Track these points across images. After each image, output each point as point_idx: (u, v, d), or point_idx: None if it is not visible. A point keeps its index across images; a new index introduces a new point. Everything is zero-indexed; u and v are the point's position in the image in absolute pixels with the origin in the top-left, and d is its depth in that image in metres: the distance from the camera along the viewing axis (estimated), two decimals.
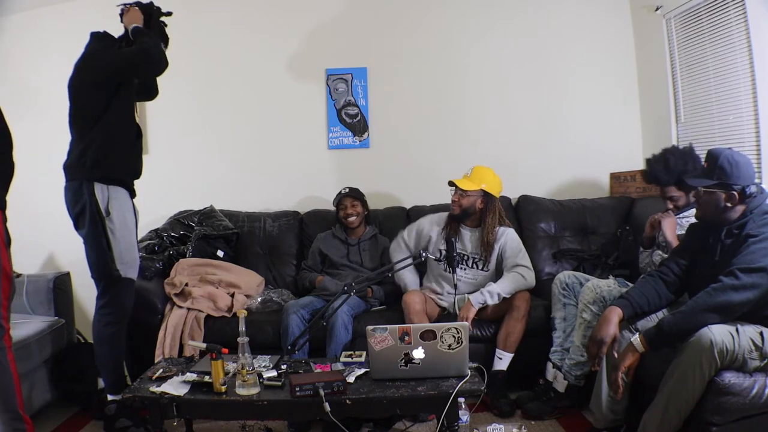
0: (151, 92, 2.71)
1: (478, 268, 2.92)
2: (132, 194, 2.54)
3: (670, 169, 2.55)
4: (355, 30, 3.73)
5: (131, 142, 2.50)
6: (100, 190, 2.36)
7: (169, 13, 2.55)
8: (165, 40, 2.57)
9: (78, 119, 2.41)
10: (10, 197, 2.12)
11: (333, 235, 3.26)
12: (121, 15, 2.49)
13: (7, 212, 2.11)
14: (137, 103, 2.60)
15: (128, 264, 2.45)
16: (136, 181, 2.57)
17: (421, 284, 3.05)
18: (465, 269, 2.92)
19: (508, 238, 2.92)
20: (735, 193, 1.98)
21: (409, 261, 2.81)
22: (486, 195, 2.88)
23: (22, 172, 2.20)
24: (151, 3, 2.52)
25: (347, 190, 3.28)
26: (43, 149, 3.47)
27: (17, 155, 2.16)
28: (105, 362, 2.49)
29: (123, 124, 2.45)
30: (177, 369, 2.16)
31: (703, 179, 2.05)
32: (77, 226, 2.43)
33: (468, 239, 2.93)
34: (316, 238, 3.30)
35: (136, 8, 2.47)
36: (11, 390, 1.97)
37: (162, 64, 2.41)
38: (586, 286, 2.46)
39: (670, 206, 2.61)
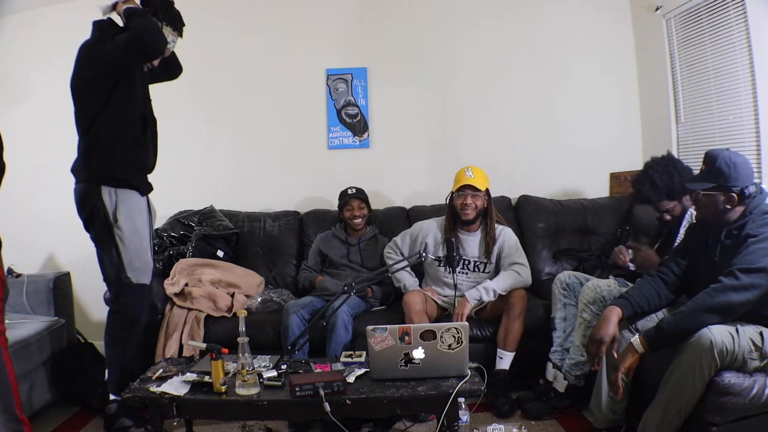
0: (173, 70, 2.55)
1: (479, 270, 2.91)
2: (145, 191, 2.46)
3: (657, 186, 2.52)
4: (355, 30, 3.73)
5: (135, 137, 2.38)
6: (107, 194, 2.30)
7: None
8: (176, 21, 2.41)
9: (80, 119, 2.35)
10: (8, 197, 2.12)
11: (333, 235, 3.25)
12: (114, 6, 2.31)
13: (6, 212, 2.11)
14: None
15: (140, 270, 2.40)
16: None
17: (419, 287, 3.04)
18: (467, 273, 2.91)
19: (506, 236, 2.92)
20: (734, 194, 1.98)
21: (410, 260, 2.82)
22: (488, 193, 2.89)
23: (21, 172, 2.21)
24: None
25: (354, 190, 3.23)
26: (43, 149, 3.48)
27: (17, 156, 2.16)
28: (113, 363, 2.47)
29: (124, 119, 2.33)
30: (177, 369, 2.16)
31: (702, 182, 2.05)
32: (87, 228, 2.40)
33: (469, 244, 2.92)
34: (316, 238, 3.30)
35: None
36: (8, 391, 1.96)
37: (158, 45, 2.23)
38: (586, 286, 2.46)
39: (668, 218, 2.58)
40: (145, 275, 2.44)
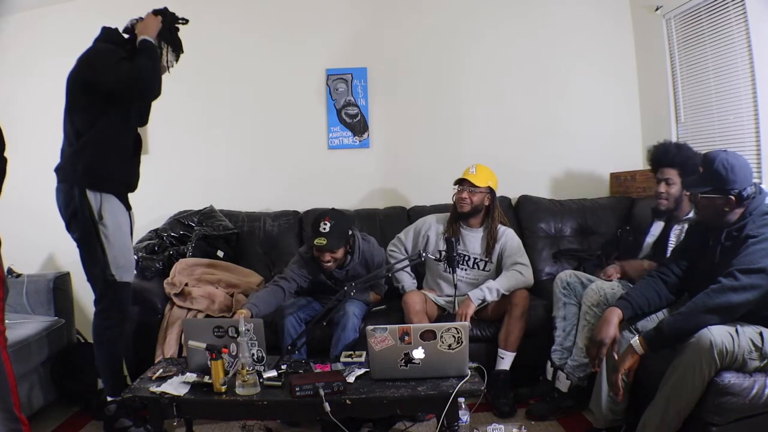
0: (142, 118, 2.59)
1: (479, 268, 2.92)
2: (126, 206, 2.47)
3: (681, 148, 2.59)
4: (355, 30, 3.73)
5: (127, 154, 2.43)
6: (92, 194, 2.33)
7: (185, 20, 2.47)
8: (177, 46, 2.50)
9: (73, 117, 2.34)
10: (8, 197, 2.12)
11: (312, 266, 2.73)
12: (132, 27, 2.42)
13: (6, 212, 2.11)
14: None
15: (123, 268, 2.42)
16: (130, 194, 2.52)
17: (420, 286, 3.03)
18: (466, 270, 2.92)
19: (507, 237, 2.92)
20: (732, 197, 1.98)
21: (408, 261, 2.81)
22: (492, 193, 2.89)
23: (21, 172, 2.21)
24: (166, 8, 2.45)
25: (326, 228, 2.51)
26: (42, 149, 3.46)
27: (17, 155, 2.15)
28: (104, 364, 2.48)
29: (119, 133, 2.38)
30: (177, 369, 2.16)
31: (700, 184, 2.04)
32: (69, 228, 2.41)
33: (470, 240, 2.93)
34: (296, 263, 2.74)
35: (155, 16, 2.40)
36: (7, 391, 1.95)
37: (152, 92, 2.34)
38: (590, 288, 2.46)
39: (663, 190, 2.56)
40: (129, 273, 2.48)
